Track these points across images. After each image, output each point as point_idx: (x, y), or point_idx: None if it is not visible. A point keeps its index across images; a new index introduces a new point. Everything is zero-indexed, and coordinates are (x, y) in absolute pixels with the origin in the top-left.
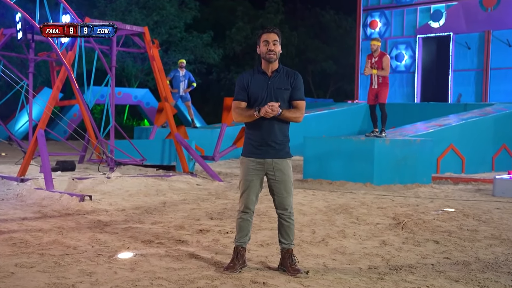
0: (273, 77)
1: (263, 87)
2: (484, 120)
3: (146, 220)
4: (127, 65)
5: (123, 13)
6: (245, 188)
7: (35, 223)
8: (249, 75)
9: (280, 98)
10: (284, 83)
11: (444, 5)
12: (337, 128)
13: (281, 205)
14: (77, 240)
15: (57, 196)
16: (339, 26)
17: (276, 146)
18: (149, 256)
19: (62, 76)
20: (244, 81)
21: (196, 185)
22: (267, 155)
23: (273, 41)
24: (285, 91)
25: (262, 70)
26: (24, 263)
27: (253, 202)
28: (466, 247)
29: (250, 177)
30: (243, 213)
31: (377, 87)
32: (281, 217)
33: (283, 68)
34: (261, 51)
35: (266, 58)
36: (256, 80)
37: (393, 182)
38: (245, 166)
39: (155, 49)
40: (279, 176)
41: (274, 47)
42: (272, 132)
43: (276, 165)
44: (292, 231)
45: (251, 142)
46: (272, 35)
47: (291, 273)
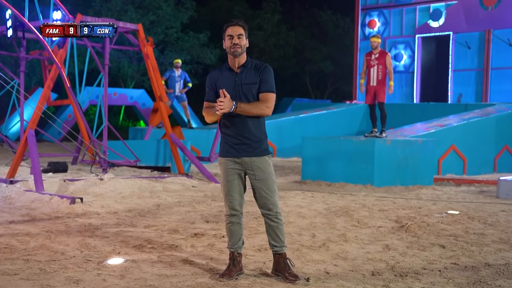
0: (240, 72)
1: (231, 84)
2: (486, 120)
3: (138, 224)
4: (123, 66)
5: (119, 12)
6: (227, 189)
7: (23, 226)
8: (217, 73)
9: (249, 94)
10: (252, 77)
11: (443, 4)
12: (335, 129)
13: (265, 205)
14: (66, 244)
15: (47, 199)
16: (336, 26)
17: (251, 143)
18: (140, 262)
19: (53, 74)
20: (212, 80)
21: (191, 186)
22: (243, 153)
23: (238, 34)
24: (253, 86)
25: (229, 66)
26: (7, 270)
27: (239, 202)
28: (474, 251)
29: (230, 177)
30: (231, 216)
31: (375, 85)
32: (267, 218)
33: (251, 61)
34: (226, 45)
35: (231, 52)
36: (224, 78)
37: (394, 183)
38: (223, 166)
39: (149, 47)
40: (259, 175)
41: (239, 40)
42: (246, 128)
43: (254, 163)
44: (282, 232)
45: (226, 141)
46: (236, 28)
47: (289, 280)
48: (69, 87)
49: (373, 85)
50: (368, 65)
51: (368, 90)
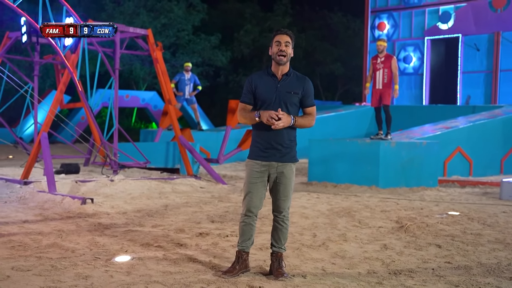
0: (282, 80)
1: (272, 90)
2: (492, 122)
3: (146, 223)
4: (135, 68)
5: (131, 16)
6: (248, 191)
7: (36, 226)
8: (258, 76)
9: (288, 102)
10: (293, 87)
11: (453, 7)
12: (344, 130)
13: (278, 208)
14: (76, 243)
15: (59, 199)
16: (347, 28)
17: (282, 149)
18: (146, 260)
19: (65, 79)
20: (252, 83)
21: (199, 188)
22: (272, 157)
23: (285, 42)
24: (294, 96)
25: (272, 72)
26: (21, 267)
27: (256, 206)
28: (469, 251)
29: (253, 179)
30: (246, 216)
31: (381, 88)
32: (275, 220)
33: (293, 72)
34: (273, 51)
35: (276, 59)
36: (265, 82)
37: (398, 185)
38: (249, 168)
39: (159, 52)
40: (282, 180)
41: (286, 48)
42: (279, 135)
43: (279, 168)
44: (285, 235)
45: (257, 145)
46: (284, 37)
47: (275, 275)
48: (80, 91)
49: (379, 88)
50: (374, 69)
51: (374, 93)
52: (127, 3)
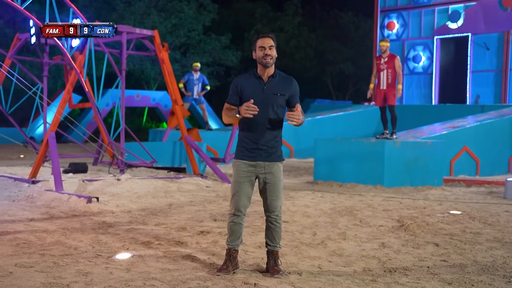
0: (268, 82)
1: (258, 92)
2: (500, 121)
3: (149, 222)
4: (145, 68)
5: (142, 16)
6: (235, 190)
7: (41, 224)
8: (244, 79)
9: (275, 104)
10: (279, 89)
11: (462, 6)
12: (352, 130)
13: (269, 208)
14: (79, 241)
15: (65, 198)
16: (357, 28)
17: (268, 149)
18: (146, 257)
19: (72, 79)
20: (238, 86)
21: (205, 187)
22: (259, 157)
23: (269, 46)
24: (280, 97)
25: (258, 74)
26: (24, 263)
27: (245, 205)
28: (466, 250)
29: (241, 179)
30: (235, 216)
31: (385, 88)
32: (268, 220)
33: (279, 73)
34: (257, 56)
35: (262, 63)
36: (251, 85)
37: (403, 184)
38: (236, 168)
39: (165, 52)
40: (270, 179)
41: (270, 51)
42: (265, 136)
43: (267, 167)
44: (279, 234)
45: (244, 145)
46: (267, 40)
47: (271, 273)
48: (87, 92)
49: (383, 88)
50: (378, 69)
51: (379, 93)
52: (138, 3)
